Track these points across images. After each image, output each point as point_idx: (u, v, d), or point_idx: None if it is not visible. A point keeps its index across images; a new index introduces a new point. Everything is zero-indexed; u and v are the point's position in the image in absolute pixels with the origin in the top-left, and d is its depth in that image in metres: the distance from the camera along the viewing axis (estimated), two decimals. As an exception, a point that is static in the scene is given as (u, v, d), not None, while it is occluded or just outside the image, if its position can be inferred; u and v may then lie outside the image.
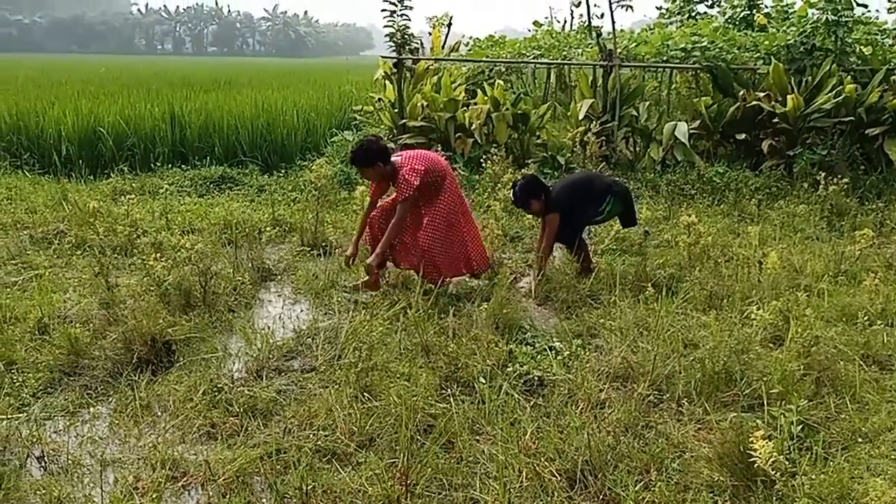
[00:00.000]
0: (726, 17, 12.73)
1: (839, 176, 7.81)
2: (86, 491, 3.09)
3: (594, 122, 9.45)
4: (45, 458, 3.32)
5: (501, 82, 10.52)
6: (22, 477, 3.17)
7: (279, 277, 6.07)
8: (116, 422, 3.67)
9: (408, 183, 5.22)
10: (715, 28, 10.99)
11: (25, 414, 3.72)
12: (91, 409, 3.80)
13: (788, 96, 8.88)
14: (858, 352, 4.20)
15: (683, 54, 10.11)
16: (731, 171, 8.84)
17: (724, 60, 9.66)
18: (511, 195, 5.72)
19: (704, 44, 9.95)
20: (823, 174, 7.79)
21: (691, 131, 9.29)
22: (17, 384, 3.95)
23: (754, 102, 9.16)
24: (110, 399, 3.92)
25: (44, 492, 3.03)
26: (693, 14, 14.24)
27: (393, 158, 5.40)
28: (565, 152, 9.75)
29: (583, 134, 9.18)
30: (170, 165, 10.17)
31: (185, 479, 3.16)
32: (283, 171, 10.10)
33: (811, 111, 8.89)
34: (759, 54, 10.04)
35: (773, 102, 9.05)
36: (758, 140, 9.24)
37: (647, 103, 10.22)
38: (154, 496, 2.99)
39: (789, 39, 9.56)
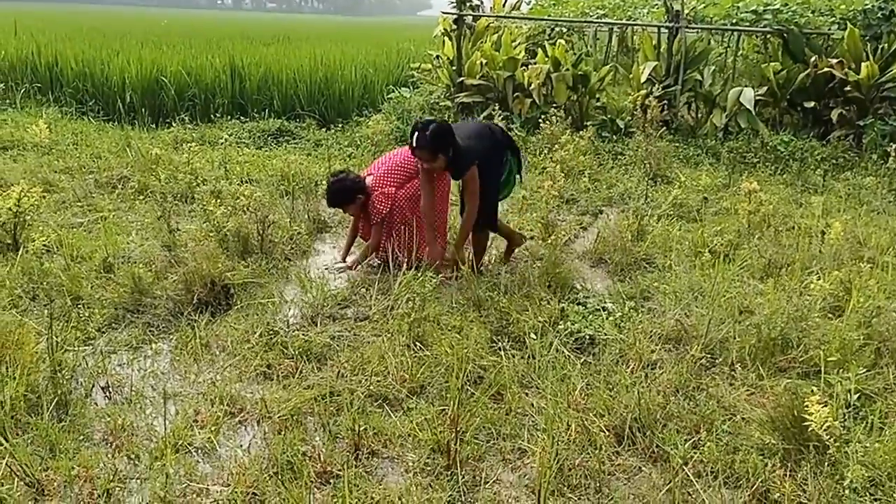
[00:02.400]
0: (801, -21, 12.20)
1: (911, 148, 7.51)
2: (148, 420, 3.22)
3: (656, 86, 9.24)
4: (110, 389, 3.46)
5: (563, 42, 10.32)
6: (87, 405, 3.31)
7: (334, 229, 6.15)
8: (177, 358, 3.80)
9: (377, 211, 5.06)
10: (789, -10, 10.55)
11: (91, 347, 3.87)
12: (153, 346, 3.94)
13: (862, 64, 8.51)
14: (923, 326, 4.08)
15: (754, 17, 9.75)
16: (796, 140, 8.56)
17: (796, 24, 9.29)
18: (413, 136, 4.56)
19: (777, 6, 9.58)
20: (894, 146, 7.49)
21: (757, 98, 9.00)
22: (84, 318, 4.11)
23: (826, 69, 8.81)
24: (171, 337, 4.05)
25: (108, 419, 3.17)
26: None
27: (367, 177, 5.16)
28: (625, 116, 9.57)
29: (644, 97, 8.97)
30: (229, 117, 10.33)
31: (241, 414, 3.27)
32: (339, 126, 10.16)
33: (885, 80, 8.52)
34: (833, 19, 9.63)
35: (845, 70, 8.69)
36: (827, 109, 8.91)
37: (712, 68, 9.93)
38: (213, 429, 3.10)
39: (866, 4, 9.13)
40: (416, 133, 4.52)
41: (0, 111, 10.23)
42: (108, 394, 3.43)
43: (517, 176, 5.06)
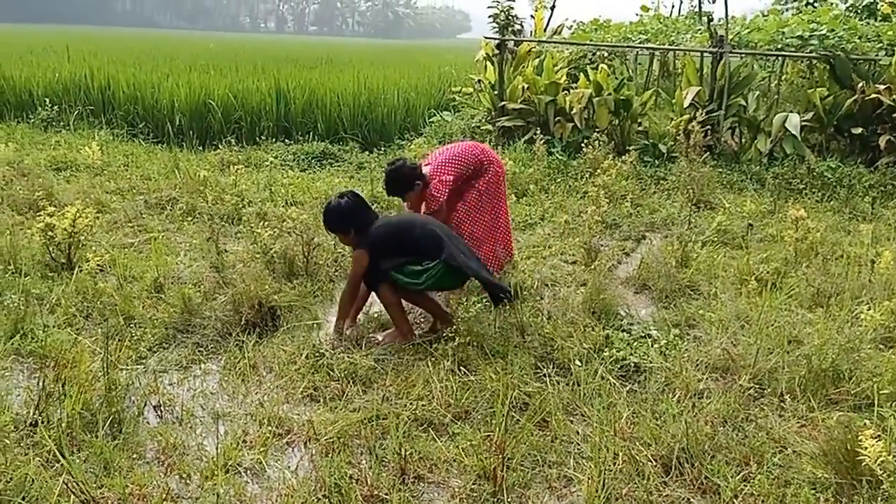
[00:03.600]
0: (847, 4, 12.10)
1: (964, 176, 7.35)
2: (198, 440, 3.28)
3: (699, 111, 9.18)
4: (161, 408, 3.54)
5: (605, 67, 10.34)
6: (140, 423, 3.38)
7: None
8: (226, 378, 3.87)
9: (434, 200, 5.04)
10: (835, 16, 10.46)
11: (143, 366, 3.97)
12: (202, 366, 4.02)
13: (911, 90, 8.38)
14: (980, 360, 3.97)
15: (800, 42, 9.67)
16: (843, 166, 8.42)
17: (843, 50, 9.19)
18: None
19: (823, 32, 9.49)
20: (945, 173, 7.35)
21: (803, 123, 8.89)
22: (136, 338, 4.21)
23: (874, 95, 8.68)
24: (220, 357, 4.13)
25: (160, 438, 3.24)
26: (812, 1, 13.59)
27: (424, 167, 5.11)
28: (667, 141, 9.53)
29: (687, 122, 8.93)
30: (274, 139, 10.52)
31: (289, 436, 3.31)
32: (382, 149, 10.27)
33: (936, 106, 8.37)
34: (881, 45, 9.50)
35: (893, 95, 8.55)
36: (875, 135, 8.75)
37: (757, 93, 9.84)
38: (261, 450, 3.15)
39: (916, 30, 9.02)
40: (326, 206, 4.50)
41: (54, 133, 10.57)
42: (159, 413, 3.51)
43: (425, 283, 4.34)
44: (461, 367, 3.87)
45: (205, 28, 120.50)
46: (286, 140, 10.50)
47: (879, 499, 2.77)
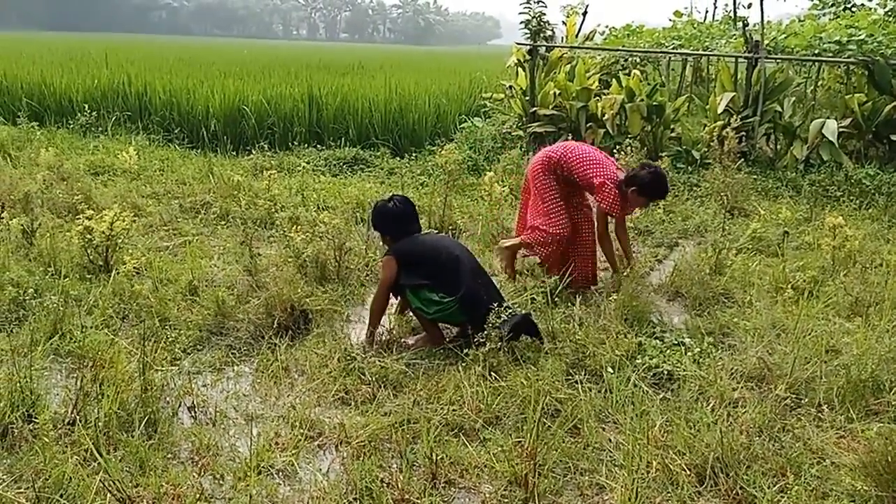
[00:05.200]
0: (887, 9, 11.86)
1: None
2: (232, 441, 3.31)
3: (734, 117, 9.08)
4: (195, 409, 3.58)
5: (637, 72, 10.27)
6: (174, 424, 3.43)
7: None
8: (258, 381, 3.91)
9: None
10: (874, 20, 10.26)
11: (177, 367, 4.02)
12: (235, 368, 4.06)
13: (953, 95, 8.21)
14: None
15: (837, 47, 9.51)
16: (882, 173, 8.26)
17: (882, 55, 9.02)
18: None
19: (861, 37, 9.32)
20: None
21: (840, 130, 8.75)
22: (171, 340, 4.26)
23: (914, 101, 8.52)
24: (253, 359, 4.16)
25: (194, 438, 3.27)
26: (849, 5, 13.36)
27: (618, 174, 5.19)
28: (701, 147, 9.43)
29: (721, 128, 8.83)
30: (306, 145, 10.60)
31: (320, 438, 3.33)
32: (413, 155, 10.31)
33: (977, 112, 8.19)
34: (922, 50, 9.31)
35: (934, 101, 8.39)
36: (915, 142, 8.61)
37: (793, 99, 9.70)
38: (293, 452, 3.17)
39: (956, 34, 8.82)
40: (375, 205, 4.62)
41: (93, 138, 10.78)
42: (193, 414, 3.55)
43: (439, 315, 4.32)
44: (492, 373, 3.85)
45: (238, 35, 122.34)
46: (318, 145, 10.58)
47: (922, 513, 2.71)
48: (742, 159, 8.60)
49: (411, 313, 4.57)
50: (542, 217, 5.28)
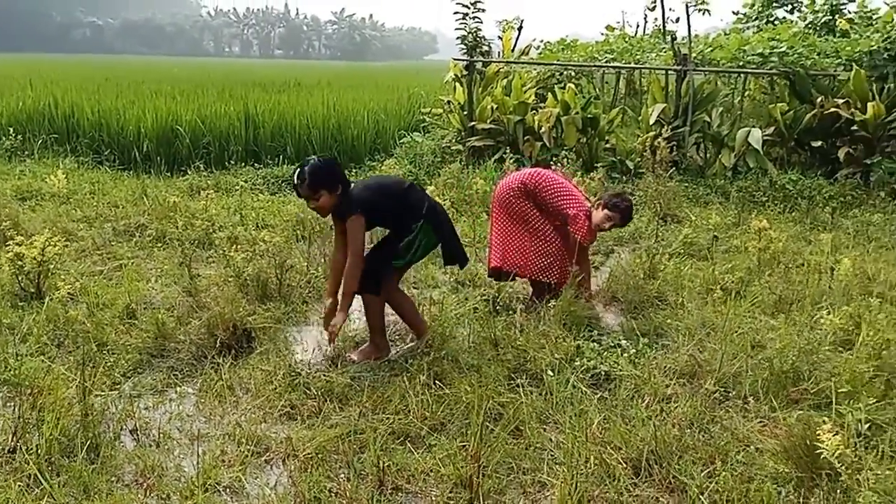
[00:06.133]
0: (807, 22, 12.49)
1: (918, 185, 7.65)
2: (176, 461, 3.30)
3: (665, 128, 9.41)
4: (138, 431, 3.55)
5: (572, 86, 10.56)
6: (117, 448, 3.39)
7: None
8: (202, 401, 3.89)
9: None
10: (795, 33, 10.81)
11: (117, 392, 3.97)
12: (178, 389, 4.03)
13: (869, 104, 8.70)
14: (933, 358, 4.14)
15: (760, 59, 9.98)
16: (804, 178, 8.71)
17: (802, 66, 9.50)
18: (295, 176, 4.16)
19: (783, 49, 9.81)
20: (901, 183, 7.64)
21: (765, 138, 9.17)
22: (109, 364, 4.20)
23: (832, 110, 8.99)
24: (196, 380, 4.14)
25: (138, 460, 3.25)
26: (772, 19, 13.99)
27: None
28: (634, 157, 9.74)
29: (653, 139, 9.15)
30: (243, 164, 10.52)
31: (267, 454, 3.35)
32: (353, 170, 10.35)
33: (892, 119, 8.71)
34: (839, 60, 9.83)
35: (852, 110, 8.87)
36: (834, 148, 9.09)
37: (720, 109, 10.12)
38: (240, 468, 3.18)
39: (872, 46, 9.35)
40: (297, 170, 4.17)
41: (19, 162, 10.49)
42: (136, 437, 3.52)
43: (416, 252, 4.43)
44: (436, 381, 3.93)
45: (167, 53, 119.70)
46: (256, 164, 10.52)
47: (838, 490, 2.89)
48: (674, 168, 8.93)
49: (359, 327, 4.60)
50: (534, 237, 5.27)
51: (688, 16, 10.32)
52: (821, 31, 12.19)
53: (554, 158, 9.08)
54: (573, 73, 13.83)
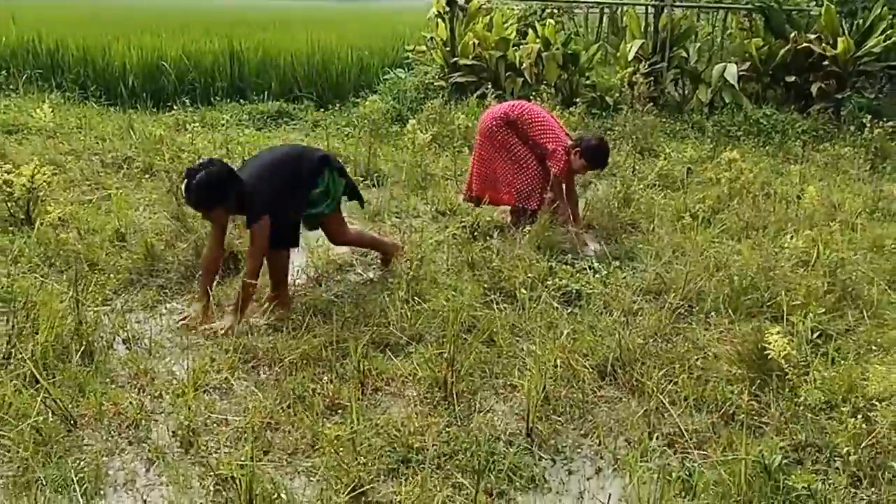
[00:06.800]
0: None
1: (885, 119, 7.84)
2: (168, 367, 3.50)
3: (643, 64, 9.48)
4: (130, 341, 3.74)
5: (552, 22, 10.56)
6: (110, 354, 3.59)
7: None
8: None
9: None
10: (771, -32, 10.77)
11: (109, 307, 4.14)
12: (167, 305, 4.21)
13: (839, 39, 8.80)
14: (884, 277, 4.38)
15: (737, -6, 10.01)
16: (778, 113, 8.85)
17: (776, 1, 9.54)
18: (184, 186, 3.76)
19: (759, -17, 9.82)
20: (870, 117, 7.82)
21: (740, 73, 9.26)
22: (101, 282, 4.36)
23: (805, 45, 9.08)
24: (184, 297, 4.32)
25: (131, 365, 3.45)
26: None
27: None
28: (614, 93, 9.82)
29: (631, 75, 9.23)
30: (228, 100, 10.52)
31: (254, 360, 3.55)
32: (336, 107, 10.38)
33: (861, 54, 8.84)
34: (813, -4, 9.90)
35: (823, 45, 8.97)
36: (807, 83, 9.19)
37: (698, 45, 10.18)
38: (229, 371, 3.38)
39: (842, -19, 9.41)
40: (185, 181, 3.75)
41: (3, 97, 10.43)
42: (128, 346, 3.71)
43: (351, 198, 4.60)
44: (415, 297, 4.12)
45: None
46: (241, 100, 10.52)
47: (787, 388, 3.13)
48: (651, 103, 9.02)
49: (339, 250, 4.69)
50: (514, 164, 5.42)
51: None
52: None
53: (534, 94, 9.15)
54: (555, 10, 13.76)
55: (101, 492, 2.64)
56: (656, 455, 2.84)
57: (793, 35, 9.16)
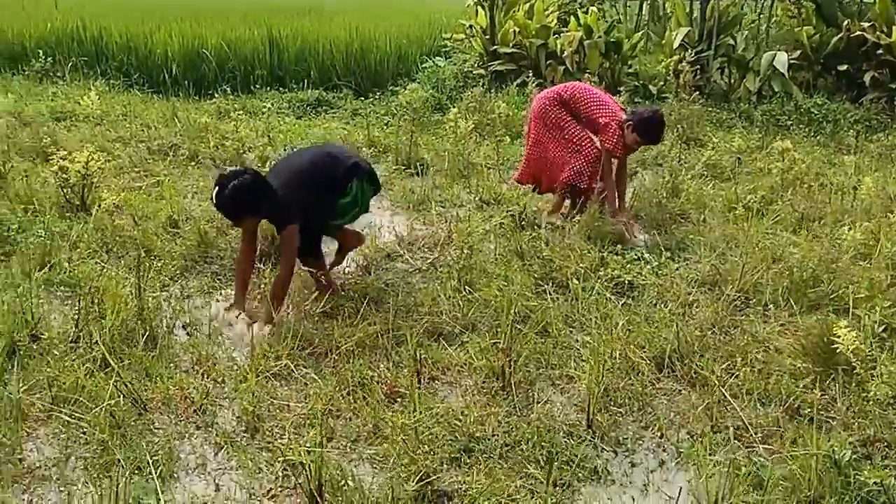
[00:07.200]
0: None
1: (943, 109, 7.64)
2: (228, 353, 3.54)
3: (689, 52, 9.34)
4: (190, 326, 3.80)
5: (595, 9, 10.44)
6: (172, 340, 3.64)
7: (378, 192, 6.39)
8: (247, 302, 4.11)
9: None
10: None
11: (167, 293, 4.20)
12: (223, 292, 4.26)
13: (894, 27, 8.57)
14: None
15: (787, -19, 9.80)
16: (830, 102, 8.66)
17: (829, -12, 9.34)
18: (214, 195, 3.69)
19: (810, -30, 9.61)
20: (927, 107, 7.63)
21: (790, 62, 9.07)
22: (158, 269, 4.43)
23: (858, 33, 8.86)
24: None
25: (193, 351, 3.51)
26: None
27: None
28: (657, 81, 9.69)
29: (677, 63, 9.10)
30: (268, 88, 10.59)
31: (311, 347, 3.57)
32: (376, 95, 10.39)
33: (917, 43, 8.59)
34: (867, -17, 9.64)
35: (878, 33, 8.74)
36: (860, 72, 8.97)
37: (745, 33, 9.99)
38: (288, 358, 3.41)
39: (898, -33, 9.13)
40: (216, 189, 3.68)
41: (50, 84, 10.62)
42: (188, 331, 3.76)
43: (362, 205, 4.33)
44: (465, 286, 4.12)
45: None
46: (280, 88, 10.58)
47: (853, 383, 3.07)
48: (697, 92, 8.89)
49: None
50: (568, 144, 5.33)
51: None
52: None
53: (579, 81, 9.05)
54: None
55: (175, 475, 2.70)
56: (721, 449, 2.81)
57: (845, 23, 8.94)
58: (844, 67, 9.04)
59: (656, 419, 3.05)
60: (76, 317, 3.53)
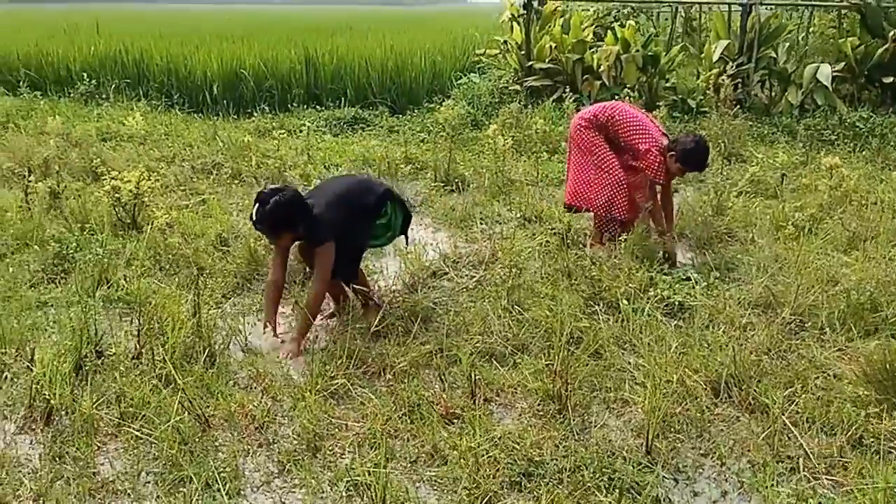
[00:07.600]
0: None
1: None
2: (284, 371, 3.58)
3: (729, 65, 9.27)
4: (246, 344, 3.84)
5: (633, 23, 10.42)
6: (228, 357, 3.70)
7: (418, 209, 6.43)
8: (297, 320, 4.14)
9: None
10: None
11: (220, 310, 4.27)
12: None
13: (942, 38, 8.45)
14: None
15: (830, -8, 9.68)
16: (875, 116, 8.52)
17: (874, -1, 9.20)
18: (254, 212, 3.79)
19: (854, -19, 9.48)
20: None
21: (834, 74, 8.95)
22: (210, 286, 4.50)
23: (904, 44, 8.74)
24: (289, 301, 4.40)
25: (250, 367, 3.56)
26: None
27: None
28: (696, 95, 9.63)
29: (717, 76, 9.04)
30: (305, 106, 10.74)
31: (364, 366, 3.60)
32: (411, 112, 10.46)
33: (966, 55, 8.45)
34: (913, -7, 9.49)
35: (924, 45, 8.62)
36: (907, 85, 8.84)
37: (787, 45, 9.89)
38: (343, 377, 3.43)
39: (946, -24, 9.01)
40: (257, 206, 3.78)
41: (96, 105, 10.87)
42: (244, 349, 3.81)
43: (400, 233, 4.43)
44: (515, 306, 4.12)
45: (211, 1, 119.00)
46: (317, 107, 10.73)
47: (919, 413, 3.01)
48: (738, 106, 8.81)
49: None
50: (597, 170, 5.20)
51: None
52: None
53: (615, 98, 9.03)
54: (632, 10, 13.58)
55: (242, 492, 2.73)
56: (785, 479, 2.77)
57: (891, 34, 8.80)
58: (890, 80, 8.90)
59: (716, 447, 3.01)
60: (137, 333, 3.60)
